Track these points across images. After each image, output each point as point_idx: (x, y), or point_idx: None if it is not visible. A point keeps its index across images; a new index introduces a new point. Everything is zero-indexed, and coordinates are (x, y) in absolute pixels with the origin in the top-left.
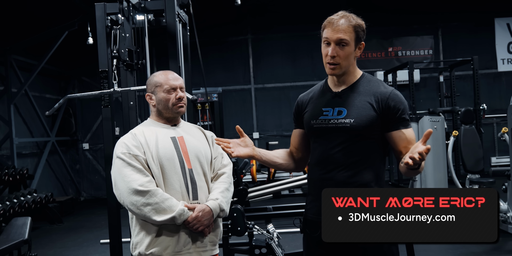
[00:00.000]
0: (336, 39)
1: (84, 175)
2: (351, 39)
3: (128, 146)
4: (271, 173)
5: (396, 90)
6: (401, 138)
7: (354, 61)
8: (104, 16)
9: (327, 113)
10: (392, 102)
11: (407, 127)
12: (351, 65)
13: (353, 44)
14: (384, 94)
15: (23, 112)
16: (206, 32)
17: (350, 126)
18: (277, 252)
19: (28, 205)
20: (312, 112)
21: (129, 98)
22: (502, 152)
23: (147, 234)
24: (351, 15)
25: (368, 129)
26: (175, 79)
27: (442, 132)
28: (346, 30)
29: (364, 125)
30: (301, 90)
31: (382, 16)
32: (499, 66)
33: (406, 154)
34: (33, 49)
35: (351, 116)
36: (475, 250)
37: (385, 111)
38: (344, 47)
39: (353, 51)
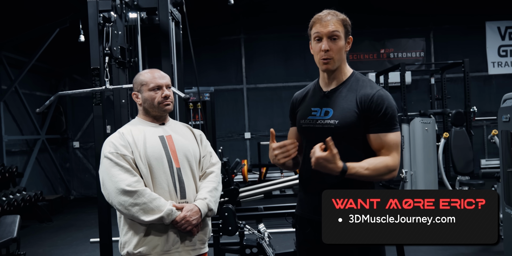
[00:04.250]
0: (327, 33)
1: (74, 174)
2: (341, 32)
3: (115, 145)
4: (262, 173)
5: (383, 91)
6: (376, 141)
7: (345, 56)
8: (96, 13)
9: (315, 113)
10: (374, 104)
11: (389, 131)
12: (343, 60)
13: (344, 38)
14: (367, 96)
15: (13, 109)
16: (199, 32)
17: (334, 127)
18: (268, 252)
19: (17, 203)
20: (303, 112)
21: (121, 96)
22: (492, 154)
23: (135, 234)
24: (335, 11)
25: (353, 130)
26: (161, 77)
27: (433, 134)
28: (336, 24)
29: (348, 126)
30: (293, 91)
31: (375, 18)
32: (489, 69)
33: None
34: (23, 46)
35: (336, 117)
36: (464, 251)
37: (366, 113)
38: (336, 41)
39: (343, 45)
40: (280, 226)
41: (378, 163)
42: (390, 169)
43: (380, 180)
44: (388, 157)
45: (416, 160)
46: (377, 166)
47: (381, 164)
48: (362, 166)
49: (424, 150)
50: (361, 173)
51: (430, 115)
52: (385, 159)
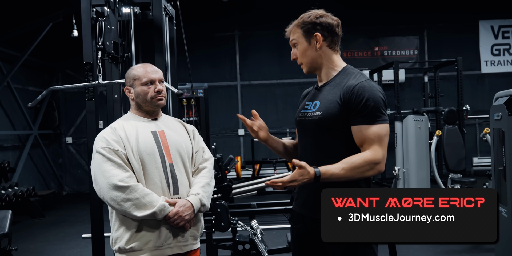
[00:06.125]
0: (290, 43)
1: (67, 169)
2: (298, 37)
3: (107, 140)
4: (255, 170)
5: (366, 83)
6: (357, 134)
7: (325, 53)
8: (89, 7)
9: (307, 107)
10: (354, 95)
11: (370, 123)
12: (320, 58)
13: (304, 40)
14: (349, 87)
15: (5, 104)
16: (193, 27)
17: (317, 118)
18: (260, 248)
19: (9, 199)
20: (300, 106)
21: (114, 91)
22: (484, 152)
23: (127, 229)
24: (299, 18)
25: (336, 122)
26: (154, 72)
27: (425, 132)
28: (292, 32)
29: (330, 117)
30: (287, 88)
31: (369, 15)
32: (482, 67)
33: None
34: (16, 41)
35: (320, 109)
36: (455, 248)
37: (347, 104)
38: (297, 46)
39: (308, 46)
40: (272, 222)
41: (355, 160)
42: (371, 163)
43: (365, 177)
44: (367, 151)
45: (409, 157)
46: (354, 163)
47: (359, 160)
48: (337, 167)
49: (417, 148)
50: (338, 175)
51: (423, 113)
52: (363, 154)
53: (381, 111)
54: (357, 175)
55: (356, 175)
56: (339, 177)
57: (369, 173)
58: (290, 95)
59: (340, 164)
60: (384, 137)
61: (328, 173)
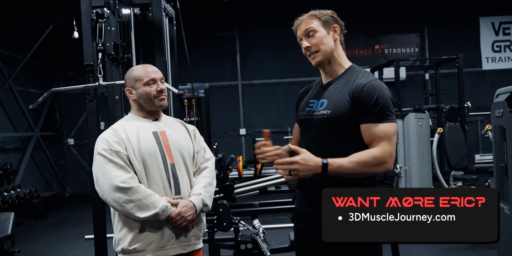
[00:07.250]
0: (302, 33)
1: (69, 171)
2: (316, 25)
3: (109, 142)
4: (257, 170)
5: (376, 82)
6: (366, 132)
7: (338, 47)
8: (89, 9)
9: (312, 105)
10: (364, 93)
11: (379, 122)
12: (334, 50)
13: (323, 29)
14: (359, 85)
15: (6, 106)
16: (193, 28)
17: (327, 117)
18: (263, 247)
19: (11, 201)
20: (303, 104)
21: (115, 93)
22: (486, 149)
23: (130, 230)
24: (309, 12)
25: (345, 121)
26: (155, 71)
27: (427, 129)
28: (308, 21)
29: (340, 116)
30: (288, 87)
31: (369, 13)
32: (483, 64)
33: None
34: (17, 43)
35: (329, 107)
36: (458, 245)
37: (357, 103)
38: (314, 35)
39: (326, 35)
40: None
41: (363, 155)
42: (379, 160)
43: (373, 173)
44: (376, 148)
45: (411, 155)
46: (362, 158)
47: (367, 155)
48: (345, 159)
49: (418, 146)
50: (345, 167)
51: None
52: (371, 150)
53: (390, 110)
54: (365, 170)
55: (364, 170)
56: (346, 170)
57: (376, 169)
58: (291, 94)
59: (348, 157)
60: (393, 136)
61: (336, 163)
